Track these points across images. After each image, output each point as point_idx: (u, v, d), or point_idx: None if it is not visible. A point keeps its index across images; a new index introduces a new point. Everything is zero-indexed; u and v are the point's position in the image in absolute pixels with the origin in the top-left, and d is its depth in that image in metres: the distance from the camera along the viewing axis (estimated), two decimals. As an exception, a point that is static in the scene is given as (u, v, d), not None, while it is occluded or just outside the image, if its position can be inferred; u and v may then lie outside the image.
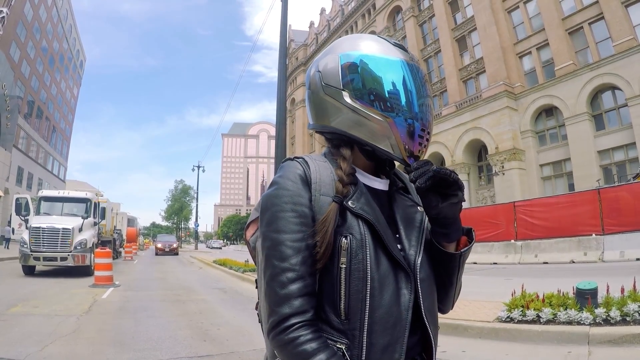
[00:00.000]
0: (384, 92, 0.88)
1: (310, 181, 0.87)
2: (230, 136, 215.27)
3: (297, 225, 0.84)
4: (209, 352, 4.57)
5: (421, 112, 0.90)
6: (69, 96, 59.70)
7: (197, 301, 8.41)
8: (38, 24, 43.27)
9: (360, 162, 0.97)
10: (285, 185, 0.87)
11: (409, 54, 0.93)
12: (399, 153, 0.89)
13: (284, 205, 0.85)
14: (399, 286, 0.85)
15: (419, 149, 0.90)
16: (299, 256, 0.82)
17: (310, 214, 0.85)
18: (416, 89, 0.90)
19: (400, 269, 0.86)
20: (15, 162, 38.38)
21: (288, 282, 0.81)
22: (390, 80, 0.88)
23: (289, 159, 0.93)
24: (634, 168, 21.03)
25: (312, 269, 0.84)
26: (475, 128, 28.85)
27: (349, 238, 0.83)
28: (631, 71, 21.45)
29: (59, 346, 4.61)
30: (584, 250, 12.52)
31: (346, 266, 0.82)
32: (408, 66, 0.91)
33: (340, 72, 0.91)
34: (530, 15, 27.60)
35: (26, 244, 11.64)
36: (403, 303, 0.84)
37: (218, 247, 66.71)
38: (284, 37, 10.13)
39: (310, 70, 0.99)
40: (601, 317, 4.26)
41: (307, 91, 1.00)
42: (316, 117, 0.98)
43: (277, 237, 0.84)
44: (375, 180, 0.97)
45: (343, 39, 0.97)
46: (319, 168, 0.90)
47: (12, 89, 36.00)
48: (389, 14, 38.87)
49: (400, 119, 0.88)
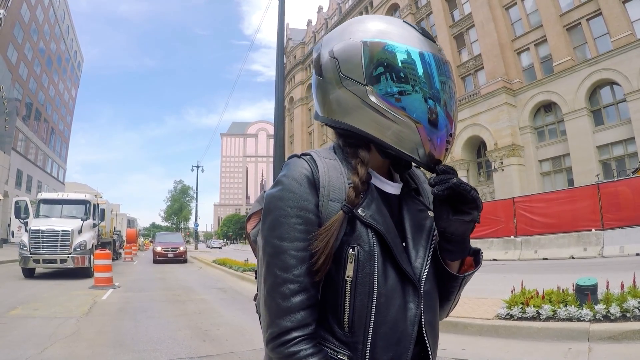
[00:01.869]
0: (419, 94, 0.78)
1: (318, 184, 0.79)
2: (229, 136, 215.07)
3: (302, 233, 0.77)
4: (209, 352, 4.57)
5: (450, 115, 0.82)
6: (67, 98, 59.57)
7: (196, 301, 8.41)
8: (35, 25, 43.09)
9: (374, 161, 0.87)
10: (290, 187, 0.79)
11: (437, 46, 0.83)
12: (426, 160, 0.81)
13: (288, 210, 0.78)
14: (406, 300, 0.80)
15: (444, 155, 0.83)
16: (302, 267, 0.77)
17: (317, 221, 0.78)
18: (447, 89, 0.81)
19: (409, 282, 0.81)
20: (14, 164, 38.29)
21: (290, 294, 0.76)
22: (423, 79, 0.79)
23: (295, 156, 0.84)
24: (633, 163, 21.05)
25: (315, 280, 0.79)
26: (474, 124, 28.83)
27: (356, 249, 0.77)
28: (629, 66, 21.44)
29: (58, 348, 4.61)
30: (584, 245, 12.54)
31: (352, 279, 0.77)
32: (439, 62, 0.81)
33: (364, 64, 0.80)
34: (528, 11, 27.58)
35: (26, 247, 11.65)
36: (409, 318, 0.80)
37: (218, 246, 66.73)
38: (281, 35, 10.11)
39: (321, 52, 0.86)
40: (601, 313, 4.26)
41: (316, 77, 0.88)
42: (328, 110, 0.86)
43: (280, 245, 0.77)
44: (387, 183, 0.89)
45: (363, 19, 0.85)
46: (328, 169, 0.82)
47: (10, 91, 35.91)
48: (387, 11, 38.83)
49: (431, 124, 0.80)
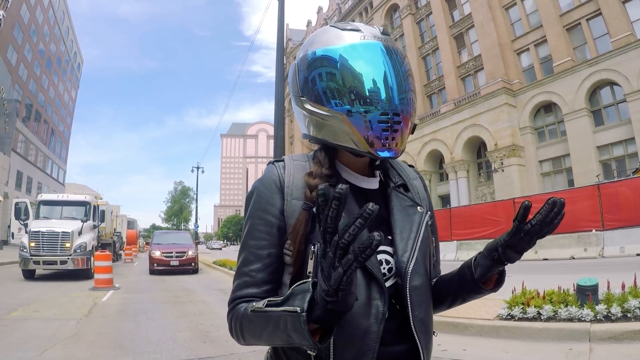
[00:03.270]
0: (330, 87, 0.82)
1: (283, 186, 0.87)
2: (229, 136, 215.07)
3: (263, 234, 0.85)
4: (209, 353, 4.56)
5: (376, 95, 0.80)
6: (67, 99, 59.59)
7: (197, 303, 8.40)
8: (35, 27, 43.12)
9: (349, 160, 0.92)
10: (259, 192, 0.88)
11: (366, 32, 0.84)
12: (363, 147, 0.82)
13: (254, 212, 0.87)
14: (370, 297, 0.81)
15: (386, 136, 0.81)
16: (258, 263, 0.84)
17: (277, 223, 0.85)
18: (367, 72, 0.81)
19: (373, 279, 0.82)
20: (14, 166, 38.31)
21: (243, 285, 0.85)
22: (331, 71, 0.82)
23: (270, 162, 0.93)
24: (634, 163, 21.03)
25: (272, 276, 0.85)
26: (474, 125, 28.83)
27: (316, 246, 0.78)
28: (629, 67, 21.44)
29: (58, 350, 4.60)
30: (584, 246, 12.53)
31: (313, 274, 0.78)
32: (359, 48, 0.82)
33: (298, 79, 0.90)
34: (527, 11, 27.58)
35: (26, 248, 11.65)
36: (374, 315, 0.80)
37: (218, 247, 66.68)
38: (281, 36, 10.10)
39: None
40: (602, 313, 4.25)
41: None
42: (301, 128, 0.96)
43: (245, 242, 0.87)
44: (363, 180, 0.92)
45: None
46: (294, 170, 0.89)
47: (10, 93, 35.94)
48: (386, 11, 38.81)
49: (355, 110, 0.80)
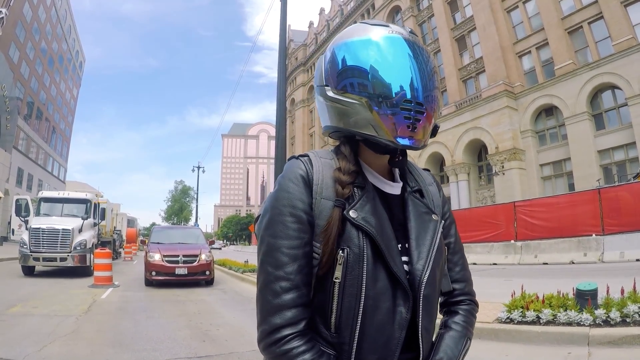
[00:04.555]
0: (354, 73, 0.82)
1: (312, 182, 0.82)
2: (230, 137, 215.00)
3: (295, 231, 0.79)
4: (208, 352, 4.56)
5: (400, 84, 0.80)
6: (68, 97, 59.65)
7: (196, 301, 8.39)
8: (37, 25, 43.20)
9: (371, 161, 0.89)
10: (285, 187, 0.82)
11: (395, 28, 0.85)
12: (384, 133, 0.79)
13: (282, 209, 0.80)
14: (395, 304, 0.80)
15: (407, 124, 0.79)
16: (294, 264, 0.78)
17: (308, 219, 0.80)
18: (392, 62, 0.80)
19: (400, 286, 0.80)
20: (15, 163, 38.35)
21: (281, 292, 0.77)
22: (357, 58, 0.82)
23: (294, 157, 0.88)
24: (634, 168, 21.01)
25: (309, 278, 0.79)
26: (475, 128, 28.84)
27: (345, 251, 0.78)
28: (631, 70, 21.43)
29: (57, 346, 4.60)
30: (584, 250, 12.49)
31: (340, 281, 0.78)
32: (387, 40, 0.83)
33: (324, 69, 0.89)
34: (529, 14, 27.60)
35: (26, 245, 11.66)
36: (397, 322, 0.79)
37: (218, 247, 66.58)
38: (283, 37, 10.12)
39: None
40: (601, 318, 4.25)
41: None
42: (322, 121, 0.93)
43: (274, 243, 0.79)
44: (386, 183, 0.90)
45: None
46: (322, 168, 0.84)
47: (12, 90, 35.96)
48: (388, 13, 38.87)
49: (378, 95, 0.79)
